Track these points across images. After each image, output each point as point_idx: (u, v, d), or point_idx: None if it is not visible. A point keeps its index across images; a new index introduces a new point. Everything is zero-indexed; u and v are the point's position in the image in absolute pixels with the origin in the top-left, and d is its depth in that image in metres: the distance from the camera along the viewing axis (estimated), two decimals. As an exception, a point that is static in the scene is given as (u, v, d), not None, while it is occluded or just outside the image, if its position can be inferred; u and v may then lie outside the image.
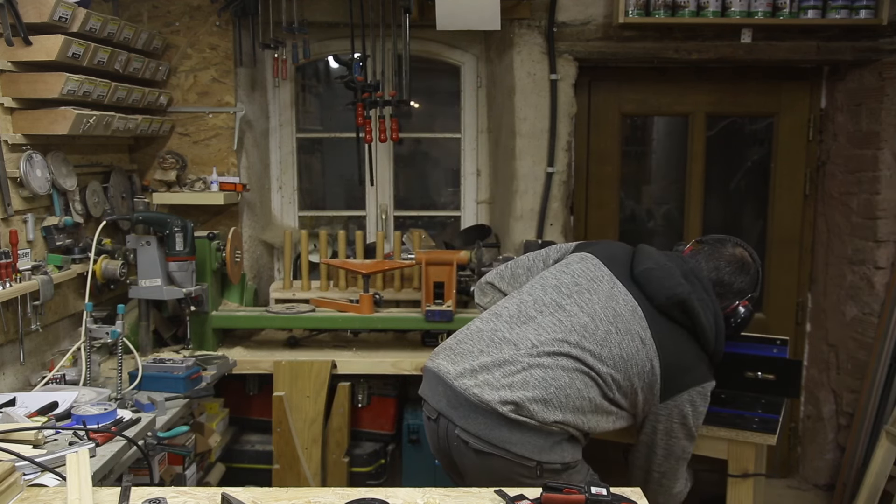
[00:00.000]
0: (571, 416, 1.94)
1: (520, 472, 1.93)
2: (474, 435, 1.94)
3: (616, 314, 2.03)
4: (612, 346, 1.99)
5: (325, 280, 3.42)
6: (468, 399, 1.96)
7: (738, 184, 3.81)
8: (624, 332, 2.00)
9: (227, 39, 3.28)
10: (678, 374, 2.01)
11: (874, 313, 3.40)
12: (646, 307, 2.04)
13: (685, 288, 2.04)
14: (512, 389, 1.92)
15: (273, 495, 1.56)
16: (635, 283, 2.09)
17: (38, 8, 2.40)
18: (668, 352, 2.00)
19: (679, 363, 2.02)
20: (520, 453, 1.92)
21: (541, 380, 1.93)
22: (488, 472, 1.95)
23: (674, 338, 2.04)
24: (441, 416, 2.03)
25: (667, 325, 2.04)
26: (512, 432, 1.92)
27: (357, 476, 3.15)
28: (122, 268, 2.77)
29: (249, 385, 3.24)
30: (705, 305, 2.06)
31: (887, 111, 3.31)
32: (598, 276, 2.12)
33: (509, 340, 2.02)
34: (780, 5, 3.16)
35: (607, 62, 3.42)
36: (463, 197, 3.77)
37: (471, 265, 3.10)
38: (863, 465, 3.30)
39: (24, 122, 2.50)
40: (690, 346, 2.06)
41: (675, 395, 2.01)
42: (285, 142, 3.71)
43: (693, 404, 2.04)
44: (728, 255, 2.21)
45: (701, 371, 2.05)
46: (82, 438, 1.93)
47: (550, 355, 1.97)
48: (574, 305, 2.05)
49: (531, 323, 2.05)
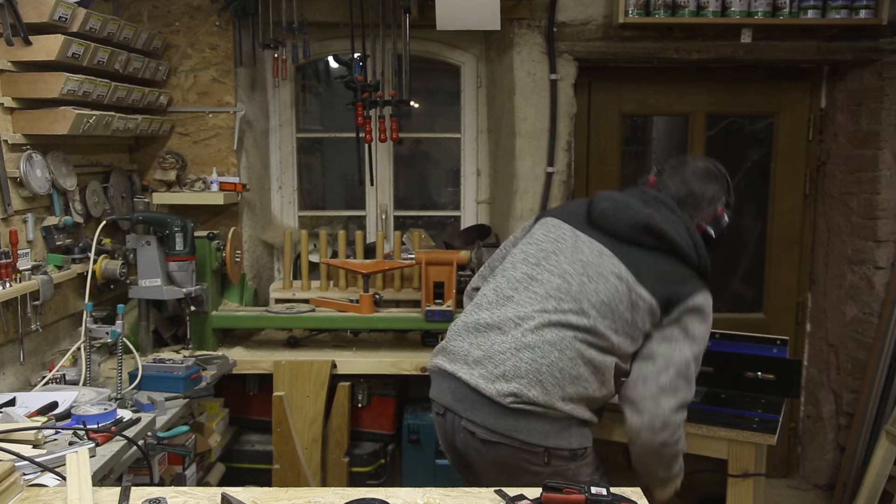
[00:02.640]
0: (572, 389, 1.94)
1: (528, 459, 1.94)
2: (480, 425, 1.95)
3: (585, 263, 2.04)
4: (590, 295, 1.99)
5: (325, 280, 3.42)
6: (471, 390, 1.97)
7: (738, 184, 3.81)
8: (597, 277, 2.01)
9: (227, 39, 3.28)
10: (669, 290, 2.00)
11: (874, 313, 3.40)
12: (612, 244, 2.06)
13: (644, 213, 2.06)
14: (507, 380, 1.93)
15: (273, 495, 1.56)
16: (595, 227, 2.10)
17: (38, 8, 2.40)
18: (650, 275, 2.01)
19: (666, 280, 2.01)
20: (527, 440, 1.92)
21: (530, 362, 1.93)
22: (497, 461, 1.96)
23: (651, 261, 2.04)
24: (448, 411, 2.04)
25: (639, 253, 2.04)
26: (518, 420, 1.93)
27: (357, 476, 3.15)
28: (122, 268, 2.77)
29: (249, 385, 3.24)
30: (672, 222, 2.06)
31: (887, 111, 3.31)
32: (560, 234, 2.13)
33: (493, 326, 2.03)
34: (780, 5, 3.16)
35: (607, 62, 3.42)
36: (463, 197, 3.77)
37: (471, 265, 3.10)
38: (863, 465, 3.30)
39: (24, 122, 2.50)
40: (672, 264, 2.05)
41: (674, 309, 2.00)
42: (285, 142, 3.71)
43: (694, 312, 2.00)
44: (691, 168, 2.22)
45: (692, 283, 2.04)
46: (82, 438, 1.93)
47: (534, 331, 1.97)
48: (545, 273, 2.06)
49: (510, 303, 2.06)
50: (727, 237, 2.21)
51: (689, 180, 2.19)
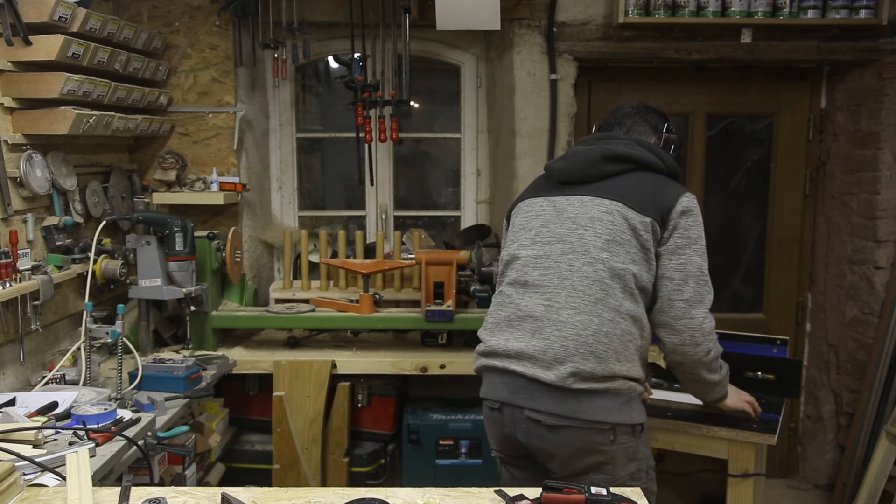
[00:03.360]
0: (622, 347, 1.96)
1: (595, 439, 1.94)
2: (545, 412, 1.96)
3: (573, 218, 2.06)
4: (593, 241, 2.01)
5: (325, 280, 3.42)
6: (528, 381, 1.98)
7: (738, 184, 3.81)
8: (590, 223, 2.03)
9: (227, 39, 3.29)
10: (656, 202, 2.03)
11: (874, 313, 3.40)
12: (586, 189, 2.09)
13: (596, 147, 2.12)
14: (561, 362, 1.94)
15: (273, 495, 1.56)
16: (563, 184, 2.15)
17: (38, 8, 2.40)
18: (632, 195, 2.04)
19: (648, 194, 2.04)
20: (593, 419, 1.93)
21: (576, 337, 1.94)
22: (565, 445, 1.96)
23: (625, 183, 2.07)
24: (504, 405, 2.04)
25: (611, 183, 2.08)
26: (581, 401, 1.94)
27: (357, 476, 3.15)
28: (122, 268, 2.77)
29: (249, 385, 3.25)
30: (624, 144, 2.13)
31: (887, 111, 3.31)
32: (538, 209, 2.16)
33: (524, 315, 2.04)
34: (780, 5, 3.16)
35: (607, 62, 3.42)
36: (463, 197, 3.77)
37: (471, 265, 3.10)
38: (863, 465, 3.30)
39: (24, 122, 2.50)
40: (645, 178, 2.09)
41: (669, 219, 2.02)
42: (285, 142, 3.71)
43: (686, 214, 2.03)
44: (624, 108, 2.29)
45: (672, 188, 2.07)
46: (82, 438, 1.93)
47: (566, 306, 1.98)
48: (544, 246, 2.08)
49: (528, 289, 2.07)
50: (680, 149, 2.28)
51: (623, 118, 2.26)
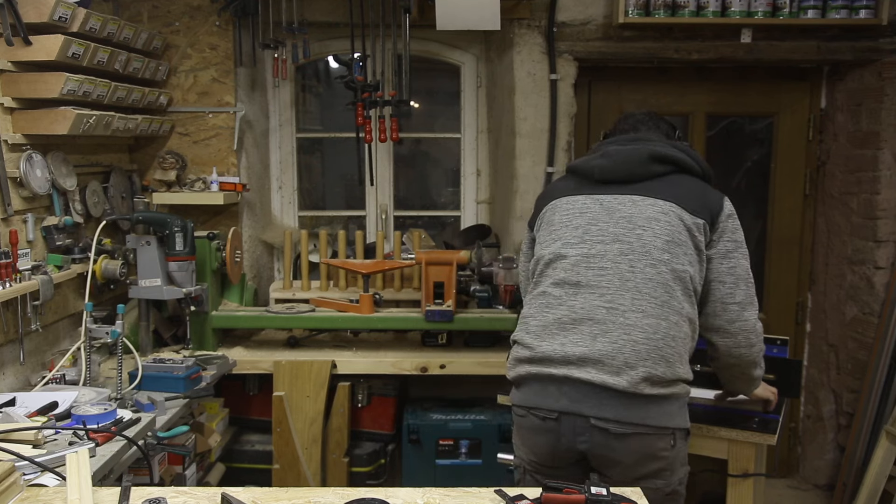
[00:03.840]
0: (684, 350, 1.95)
1: (658, 445, 1.93)
2: (613, 420, 1.90)
3: (627, 217, 2.01)
4: (654, 241, 1.96)
5: (325, 280, 3.42)
6: (594, 388, 1.92)
7: (739, 183, 3.81)
8: (647, 223, 1.98)
9: (227, 39, 3.28)
10: (706, 205, 2.02)
11: (874, 313, 3.40)
12: (634, 189, 2.04)
13: (640, 147, 2.07)
14: (632, 367, 1.89)
15: (273, 495, 1.56)
16: (606, 183, 2.08)
17: (38, 8, 2.40)
18: (684, 197, 2.01)
19: (696, 197, 2.03)
20: (658, 424, 1.91)
21: (646, 342, 1.90)
22: (630, 452, 1.92)
23: (674, 185, 2.04)
24: (563, 415, 1.95)
25: (660, 184, 2.04)
26: (648, 407, 1.91)
27: (357, 476, 3.15)
28: (122, 268, 2.77)
29: (249, 385, 3.25)
30: (664, 145, 2.09)
31: (887, 111, 3.31)
32: (581, 206, 2.08)
33: (582, 318, 1.96)
34: (780, 5, 3.16)
35: (607, 62, 3.42)
36: (463, 197, 3.77)
37: (471, 265, 3.10)
38: (863, 465, 3.30)
39: (24, 122, 2.50)
40: (690, 181, 2.08)
41: (718, 222, 2.01)
42: (285, 142, 3.71)
43: (732, 217, 2.04)
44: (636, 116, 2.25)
45: (715, 192, 2.07)
46: (82, 438, 1.93)
47: (632, 309, 1.93)
48: (596, 245, 2.01)
49: (582, 289, 1.99)
50: None
51: (638, 124, 2.23)
